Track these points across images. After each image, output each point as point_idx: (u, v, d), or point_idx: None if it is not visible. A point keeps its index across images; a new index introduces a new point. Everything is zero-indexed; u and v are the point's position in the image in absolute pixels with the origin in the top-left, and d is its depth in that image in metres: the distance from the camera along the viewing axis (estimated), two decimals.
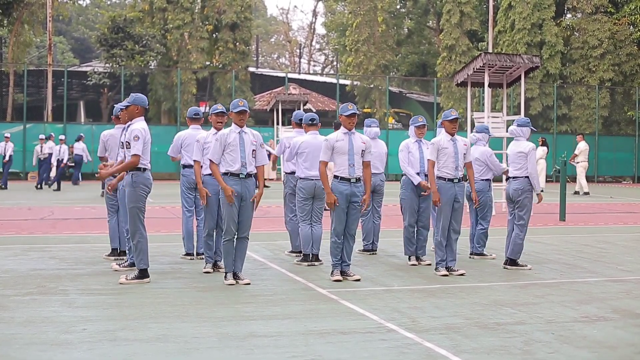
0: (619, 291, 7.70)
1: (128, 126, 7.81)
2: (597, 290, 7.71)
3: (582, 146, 25.27)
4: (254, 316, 6.31)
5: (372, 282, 8.08)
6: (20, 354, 5.08)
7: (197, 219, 9.29)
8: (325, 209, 9.10)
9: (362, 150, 8.05)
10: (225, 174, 7.70)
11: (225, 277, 7.85)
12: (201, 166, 8.46)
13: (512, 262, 9.18)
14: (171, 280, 8.01)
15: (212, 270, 8.51)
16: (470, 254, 10.09)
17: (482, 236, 10.05)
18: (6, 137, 25.26)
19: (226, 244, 7.78)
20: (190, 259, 9.37)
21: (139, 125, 7.74)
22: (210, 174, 8.26)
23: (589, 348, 5.42)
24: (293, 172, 9.48)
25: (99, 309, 6.52)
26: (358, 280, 8.04)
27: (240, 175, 7.69)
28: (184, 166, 9.21)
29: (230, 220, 7.66)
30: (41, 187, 24.90)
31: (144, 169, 7.75)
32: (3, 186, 24.08)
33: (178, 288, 7.56)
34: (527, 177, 9.05)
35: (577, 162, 25.16)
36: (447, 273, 8.52)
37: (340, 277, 8.01)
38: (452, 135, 8.67)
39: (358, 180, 8.00)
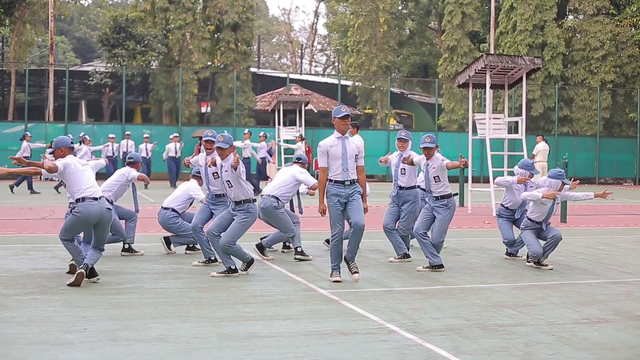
0: (620, 293, 7.70)
1: None
2: (598, 292, 7.70)
3: (541, 147, 25.17)
4: (255, 316, 6.31)
5: (373, 283, 8.08)
6: (21, 354, 5.08)
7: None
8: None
9: (356, 155, 8.00)
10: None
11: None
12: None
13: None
14: (172, 280, 8.02)
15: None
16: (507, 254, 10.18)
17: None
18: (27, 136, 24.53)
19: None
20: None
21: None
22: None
23: (590, 350, 5.42)
24: None
25: (99, 308, 6.52)
26: (357, 275, 8.03)
27: None
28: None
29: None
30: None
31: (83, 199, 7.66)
32: (15, 186, 23.37)
33: (179, 288, 7.57)
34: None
35: (536, 162, 25.03)
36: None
37: (339, 278, 7.99)
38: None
39: (353, 182, 7.96)
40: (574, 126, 37.43)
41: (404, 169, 9.57)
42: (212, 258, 9.05)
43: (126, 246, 9.85)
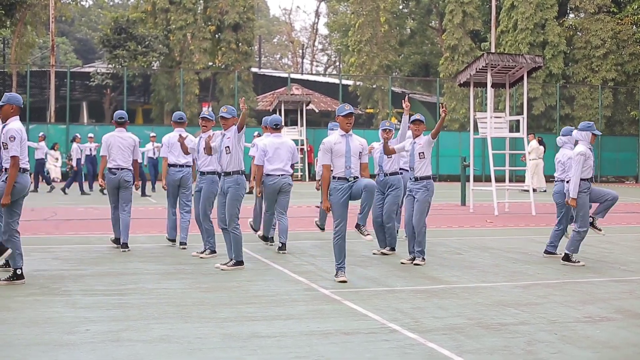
0: (622, 291, 7.69)
1: (4, 126, 7.68)
2: (600, 291, 7.70)
3: (534, 144, 25.17)
4: (257, 317, 6.31)
5: (375, 282, 8.08)
6: (23, 355, 5.09)
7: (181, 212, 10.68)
8: (316, 206, 9.66)
9: (360, 152, 8.02)
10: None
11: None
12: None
13: (566, 257, 9.44)
14: (174, 281, 8.02)
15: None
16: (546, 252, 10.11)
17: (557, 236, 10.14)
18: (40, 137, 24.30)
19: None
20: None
21: (15, 125, 7.60)
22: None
23: (592, 348, 5.42)
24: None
25: (102, 309, 6.52)
26: (370, 237, 8.03)
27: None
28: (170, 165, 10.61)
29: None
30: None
31: (24, 170, 7.62)
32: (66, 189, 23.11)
33: (181, 289, 7.57)
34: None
35: (530, 160, 24.98)
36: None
37: (345, 278, 7.94)
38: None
39: (356, 179, 7.92)
40: (575, 124, 37.27)
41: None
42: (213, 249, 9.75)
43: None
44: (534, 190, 24.20)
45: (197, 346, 5.35)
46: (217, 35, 37.83)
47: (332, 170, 8.07)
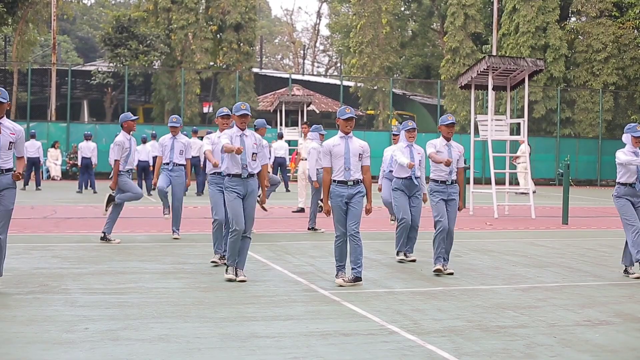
0: (622, 295, 7.69)
1: None
2: (599, 294, 7.70)
3: (524, 148, 25.19)
4: (256, 317, 6.31)
5: (375, 284, 8.08)
6: (22, 353, 5.09)
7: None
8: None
9: (360, 154, 7.88)
10: (227, 175, 8.00)
11: (227, 270, 8.09)
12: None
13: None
14: (173, 280, 8.02)
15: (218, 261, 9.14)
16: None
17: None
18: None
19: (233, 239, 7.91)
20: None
21: None
22: (213, 174, 9.36)
23: (591, 352, 5.42)
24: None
25: (101, 308, 6.52)
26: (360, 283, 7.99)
27: (242, 176, 7.95)
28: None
29: (236, 216, 7.87)
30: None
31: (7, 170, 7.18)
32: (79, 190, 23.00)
33: (180, 288, 7.57)
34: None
35: (519, 163, 25.00)
36: (440, 269, 8.71)
37: (343, 283, 7.82)
38: (448, 140, 8.84)
39: (356, 182, 7.86)
40: (576, 128, 37.41)
41: (421, 160, 9.57)
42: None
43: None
44: (526, 192, 24.20)
45: (195, 346, 5.35)
46: (218, 35, 37.83)
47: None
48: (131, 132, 10.96)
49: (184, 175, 11.52)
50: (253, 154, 7.99)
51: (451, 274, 8.64)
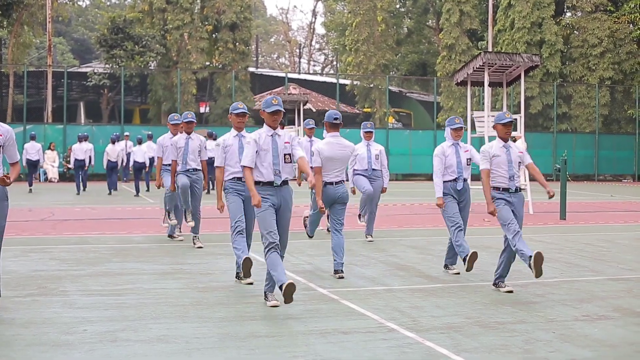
0: (620, 290, 7.70)
1: None
2: (597, 289, 7.70)
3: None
4: (255, 316, 6.31)
5: (373, 281, 8.08)
6: (21, 355, 5.08)
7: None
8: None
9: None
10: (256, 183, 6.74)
11: (266, 296, 6.84)
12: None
13: None
14: (171, 280, 8.02)
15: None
16: None
17: None
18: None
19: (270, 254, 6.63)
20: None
21: None
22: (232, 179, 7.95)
23: (590, 347, 5.42)
24: None
25: (99, 309, 6.52)
26: (342, 277, 8.10)
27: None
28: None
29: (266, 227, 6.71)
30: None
31: None
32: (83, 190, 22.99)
33: (179, 288, 7.56)
34: None
35: None
36: (511, 289, 7.58)
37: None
38: (505, 140, 7.61)
39: (339, 183, 8.40)
40: (572, 123, 37.46)
41: (469, 159, 8.97)
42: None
43: None
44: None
45: (194, 346, 5.35)
46: (214, 35, 37.81)
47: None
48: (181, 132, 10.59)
49: (202, 178, 10.56)
50: (285, 155, 6.72)
51: (457, 273, 8.62)
